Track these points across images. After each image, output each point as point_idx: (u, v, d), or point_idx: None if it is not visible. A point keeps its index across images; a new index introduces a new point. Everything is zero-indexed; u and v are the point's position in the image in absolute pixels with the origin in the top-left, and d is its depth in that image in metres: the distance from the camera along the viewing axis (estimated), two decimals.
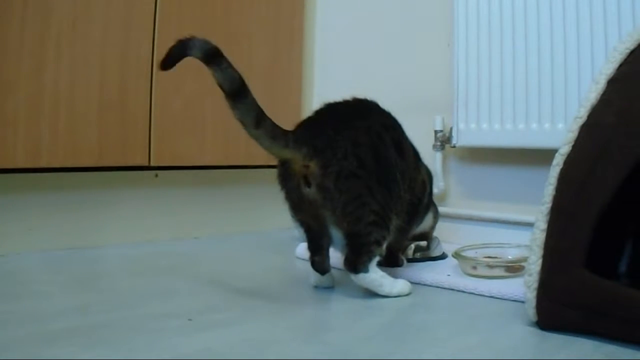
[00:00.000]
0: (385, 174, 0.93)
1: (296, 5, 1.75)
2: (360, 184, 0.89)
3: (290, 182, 0.92)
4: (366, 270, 0.92)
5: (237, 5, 1.56)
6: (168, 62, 0.86)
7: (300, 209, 0.94)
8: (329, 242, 0.97)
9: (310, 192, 0.90)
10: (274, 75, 1.66)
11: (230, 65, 0.84)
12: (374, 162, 0.91)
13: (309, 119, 0.97)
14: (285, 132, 0.88)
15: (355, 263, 0.91)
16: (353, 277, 0.93)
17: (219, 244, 1.46)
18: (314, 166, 0.88)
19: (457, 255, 1.10)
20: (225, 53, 0.84)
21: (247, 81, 0.85)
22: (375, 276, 0.93)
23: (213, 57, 0.83)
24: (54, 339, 0.70)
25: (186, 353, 0.67)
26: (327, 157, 0.88)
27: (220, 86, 0.84)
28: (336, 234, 0.93)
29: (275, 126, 0.87)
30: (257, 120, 0.85)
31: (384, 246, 0.95)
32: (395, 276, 0.98)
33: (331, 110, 0.98)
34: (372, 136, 0.93)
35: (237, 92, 0.84)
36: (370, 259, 0.92)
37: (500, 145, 1.34)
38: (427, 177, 1.13)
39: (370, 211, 0.90)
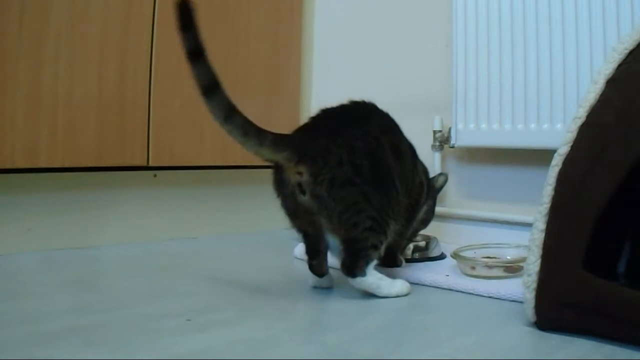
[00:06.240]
0: (382, 180, 0.92)
1: (295, 5, 1.75)
2: (356, 191, 0.89)
3: (285, 189, 0.92)
4: (363, 274, 0.91)
5: (236, 5, 1.56)
6: (185, 21, 0.88)
7: (297, 215, 0.94)
8: (327, 246, 0.97)
9: (305, 199, 0.90)
10: (273, 75, 1.66)
11: (209, 64, 0.85)
12: (371, 168, 0.90)
13: (304, 125, 0.97)
14: (261, 130, 0.88)
15: (353, 267, 0.91)
16: (351, 281, 0.92)
17: (218, 244, 1.46)
18: (305, 174, 0.88)
19: (455, 255, 1.10)
20: (224, 53, 0.84)
21: (241, 81, 0.86)
22: (373, 279, 0.93)
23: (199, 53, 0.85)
24: (52, 339, 0.70)
25: (184, 353, 0.67)
26: (317, 166, 0.88)
27: (197, 80, 0.85)
28: (333, 239, 0.93)
29: (247, 123, 0.87)
30: (226, 115, 0.86)
31: (382, 249, 0.94)
32: (394, 276, 0.98)
33: (327, 116, 0.97)
34: (369, 141, 0.92)
35: (211, 88, 0.86)
36: (367, 263, 0.91)
37: (499, 145, 1.34)
38: (425, 177, 1.12)
39: (367, 217, 0.90)
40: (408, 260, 1.18)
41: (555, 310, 0.76)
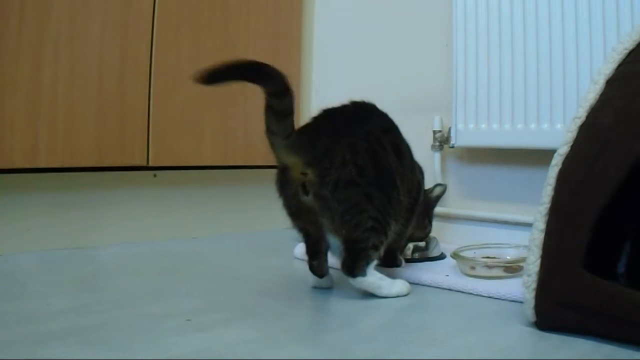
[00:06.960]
0: (384, 180, 0.93)
1: (295, 5, 1.75)
2: (358, 192, 0.89)
3: (288, 189, 0.92)
4: (364, 274, 0.91)
5: (236, 5, 1.56)
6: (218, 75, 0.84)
7: (299, 216, 0.94)
8: (327, 247, 0.97)
9: (308, 199, 0.90)
10: None
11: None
12: (374, 169, 0.91)
13: (307, 125, 0.97)
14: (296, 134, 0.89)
15: (353, 267, 0.91)
16: (351, 281, 0.93)
17: (218, 244, 1.46)
18: (311, 174, 0.88)
19: (455, 255, 1.10)
20: (224, 53, 0.84)
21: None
22: (373, 279, 0.93)
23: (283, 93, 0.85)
24: (52, 339, 0.70)
25: (184, 353, 0.67)
26: (324, 166, 0.88)
27: (274, 107, 0.86)
28: (333, 239, 0.93)
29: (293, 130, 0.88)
30: (287, 134, 0.87)
31: (382, 249, 0.94)
32: (393, 276, 0.98)
33: (329, 117, 0.97)
34: (371, 142, 0.92)
35: (285, 113, 0.86)
36: (367, 263, 0.91)
37: (498, 145, 1.34)
38: (421, 176, 1.13)
39: (369, 217, 0.90)
40: (408, 260, 1.18)
41: (555, 310, 0.76)
